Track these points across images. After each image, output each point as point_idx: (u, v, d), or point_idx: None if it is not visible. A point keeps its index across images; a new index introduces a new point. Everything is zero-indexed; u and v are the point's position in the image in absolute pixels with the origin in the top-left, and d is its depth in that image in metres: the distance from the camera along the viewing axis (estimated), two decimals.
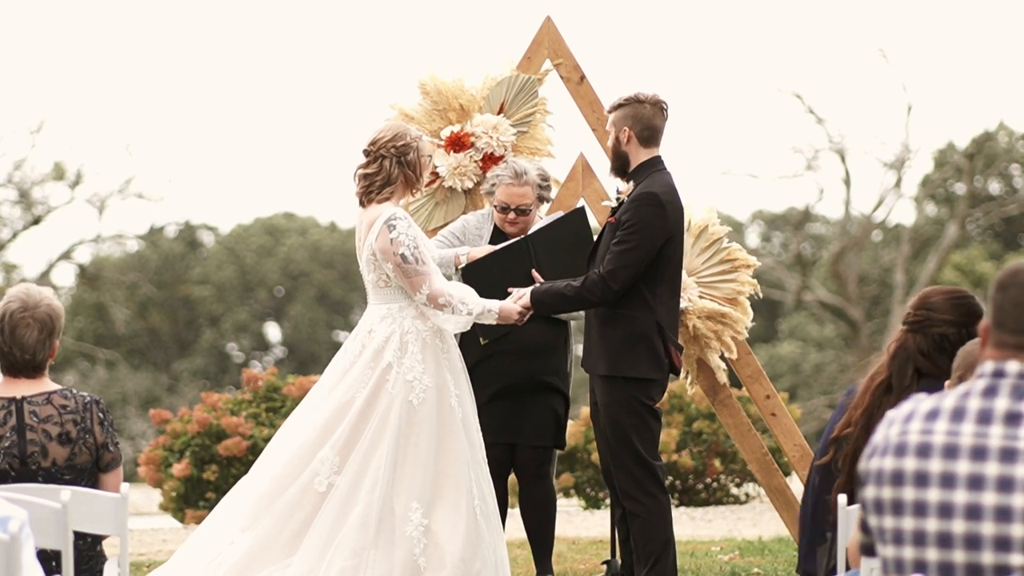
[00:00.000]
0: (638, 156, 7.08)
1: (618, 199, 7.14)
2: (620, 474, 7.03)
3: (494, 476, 7.42)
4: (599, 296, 6.92)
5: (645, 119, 7.06)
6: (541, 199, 7.71)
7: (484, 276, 7.39)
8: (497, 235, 7.68)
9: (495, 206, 7.65)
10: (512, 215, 7.60)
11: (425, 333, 6.69)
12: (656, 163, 7.08)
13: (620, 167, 7.13)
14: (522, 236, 7.52)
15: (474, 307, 6.67)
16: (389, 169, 6.75)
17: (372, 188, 6.76)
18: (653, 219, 6.91)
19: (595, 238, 7.46)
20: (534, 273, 7.36)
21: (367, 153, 6.80)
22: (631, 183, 7.10)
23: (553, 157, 8.20)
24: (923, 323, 5.02)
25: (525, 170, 7.62)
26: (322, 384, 6.80)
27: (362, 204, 6.80)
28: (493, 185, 7.65)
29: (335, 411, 6.63)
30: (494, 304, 6.76)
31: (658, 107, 7.08)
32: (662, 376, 7.06)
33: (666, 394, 7.38)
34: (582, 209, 7.66)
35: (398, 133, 6.80)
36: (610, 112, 7.18)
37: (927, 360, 4.99)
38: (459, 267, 7.48)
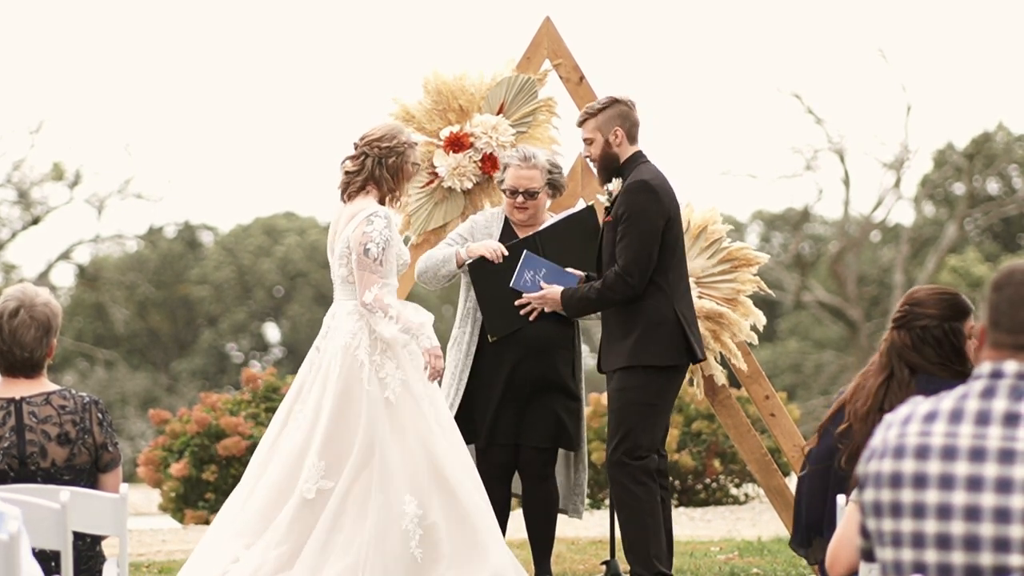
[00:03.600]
0: (625, 154, 7.21)
1: (610, 197, 7.21)
2: (611, 462, 7.09)
3: (499, 477, 7.43)
4: (621, 293, 7.02)
5: (631, 117, 7.24)
6: (552, 185, 7.67)
7: (492, 274, 7.41)
8: (507, 233, 7.67)
9: (505, 191, 7.64)
10: (520, 199, 7.58)
11: None
12: (640, 157, 7.24)
13: (612, 170, 7.22)
14: (530, 234, 7.53)
15: (420, 321, 6.66)
16: (370, 168, 6.76)
17: (351, 185, 6.78)
18: (648, 204, 7.03)
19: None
20: None
21: (355, 147, 6.82)
22: (618, 180, 7.19)
23: (560, 156, 8.20)
24: (906, 318, 5.00)
25: (534, 154, 7.62)
26: (298, 384, 6.81)
27: (343, 199, 6.82)
28: (504, 170, 7.65)
29: (314, 413, 6.63)
30: (432, 335, 6.73)
31: (632, 104, 7.28)
32: (683, 363, 7.13)
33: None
34: (591, 208, 7.68)
35: (386, 134, 6.80)
36: (587, 119, 7.24)
37: (915, 353, 4.97)
38: (461, 265, 7.47)
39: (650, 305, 7.06)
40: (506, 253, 7.44)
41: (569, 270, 7.39)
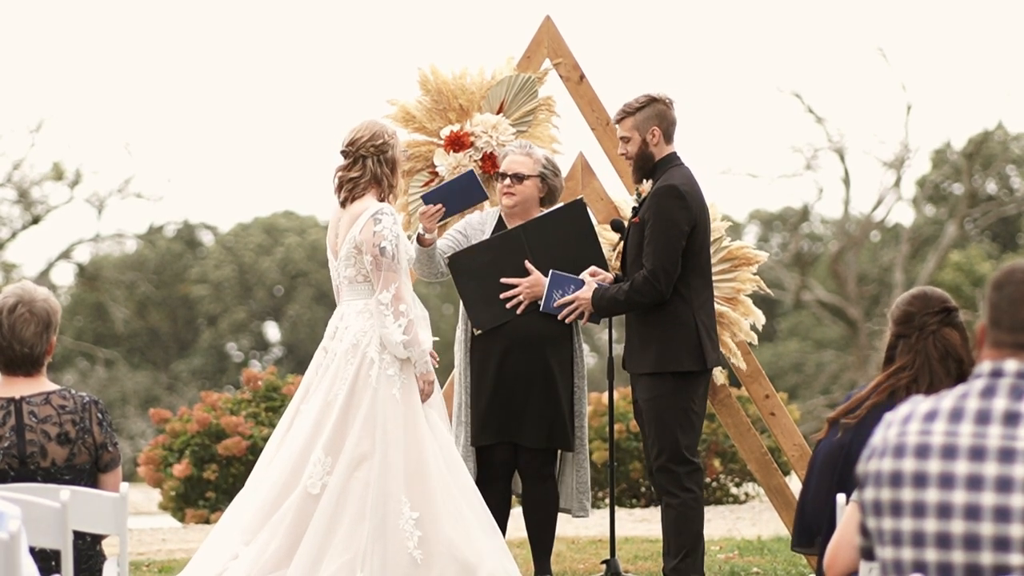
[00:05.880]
0: (661, 153, 7.25)
1: (638, 198, 7.25)
2: (656, 470, 7.17)
3: (498, 476, 7.43)
4: (649, 296, 7.08)
5: (668, 116, 7.26)
6: (545, 182, 7.61)
7: (474, 266, 7.41)
8: (499, 231, 7.66)
9: (497, 177, 7.67)
10: (508, 181, 7.58)
11: None
12: (673, 159, 7.26)
13: (647, 170, 7.25)
14: (517, 225, 7.53)
15: (425, 343, 6.68)
16: (373, 168, 6.80)
17: (356, 188, 6.80)
18: (675, 210, 7.06)
19: (596, 232, 7.53)
20: (528, 264, 7.43)
21: (346, 154, 6.85)
22: (649, 181, 7.22)
23: (561, 155, 8.20)
24: (952, 314, 4.94)
25: (532, 146, 7.69)
26: (304, 385, 6.84)
27: (343, 204, 6.85)
28: (503, 159, 7.69)
29: (320, 411, 6.65)
30: (429, 363, 6.70)
31: (670, 102, 7.28)
32: (705, 369, 7.16)
33: None
34: (581, 201, 7.66)
35: (375, 132, 6.85)
36: (625, 118, 7.24)
37: (965, 349, 4.93)
38: (426, 244, 7.43)
39: (670, 311, 7.12)
40: (437, 211, 7.35)
41: (594, 280, 7.35)
